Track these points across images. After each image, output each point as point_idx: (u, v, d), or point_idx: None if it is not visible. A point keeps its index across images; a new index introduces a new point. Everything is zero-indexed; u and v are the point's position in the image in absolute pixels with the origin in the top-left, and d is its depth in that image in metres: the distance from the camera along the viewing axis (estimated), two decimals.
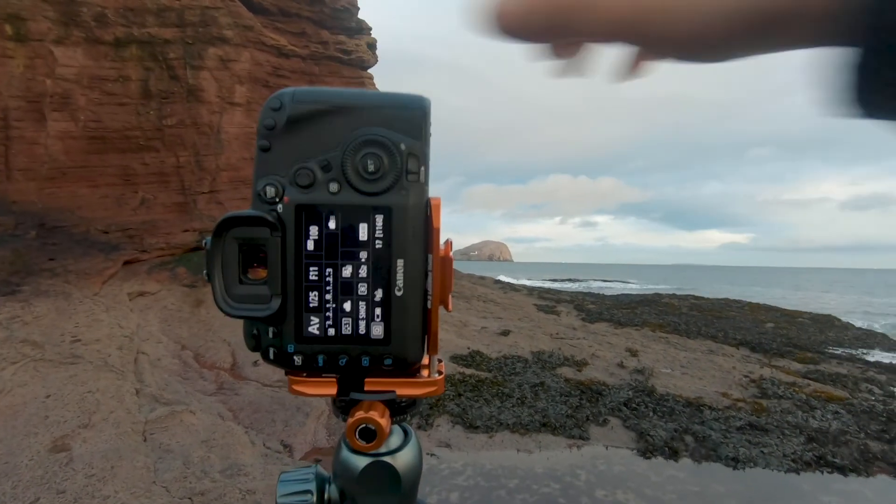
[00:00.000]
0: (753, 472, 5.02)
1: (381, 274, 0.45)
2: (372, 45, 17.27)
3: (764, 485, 4.80)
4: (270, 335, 0.46)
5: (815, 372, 8.64)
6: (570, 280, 48.54)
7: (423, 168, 0.46)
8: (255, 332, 0.46)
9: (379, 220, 0.44)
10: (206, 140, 13.54)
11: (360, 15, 17.17)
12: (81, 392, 5.42)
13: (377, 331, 0.45)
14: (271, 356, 0.46)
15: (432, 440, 5.45)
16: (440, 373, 0.50)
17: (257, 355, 0.46)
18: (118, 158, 12.98)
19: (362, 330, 0.45)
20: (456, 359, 8.19)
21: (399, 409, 0.50)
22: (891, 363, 10.03)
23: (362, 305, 0.45)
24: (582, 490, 4.59)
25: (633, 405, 6.50)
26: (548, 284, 37.42)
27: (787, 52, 0.30)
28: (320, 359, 0.46)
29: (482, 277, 23.88)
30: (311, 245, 0.44)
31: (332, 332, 0.45)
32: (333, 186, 0.44)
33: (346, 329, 0.45)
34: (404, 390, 0.49)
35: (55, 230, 11.49)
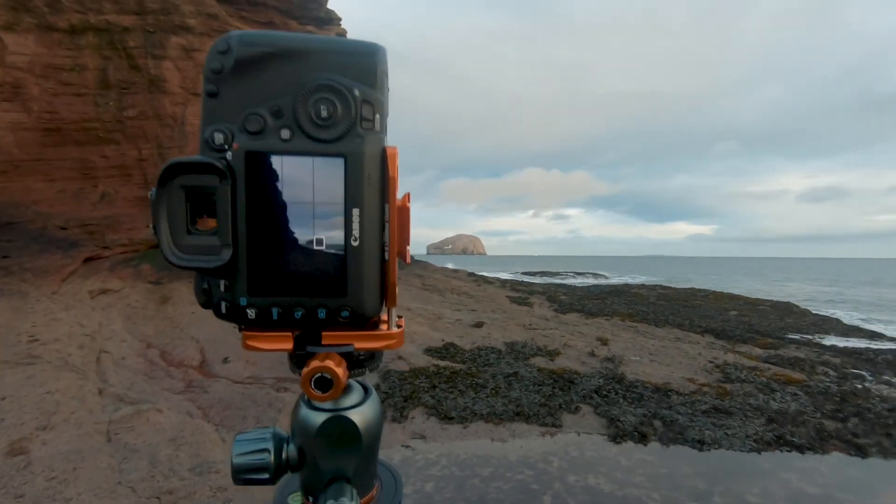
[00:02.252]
0: (718, 452, 5.20)
1: (336, 223, 0.43)
2: (341, 36, 17.02)
3: (728, 465, 4.98)
4: (222, 289, 0.44)
5: (776, 356, 8.99)
6: (541, 273, 49.17)
7: (378, 116, 0.44)
8: (205, 286, 0.45)
9: (333, 167, 0.43)
10: (169, 132, 13.11)
11: (329, 5, 16.88)
12: (40, 393, 5.20)
13: (333, 282, 0.44)
14: (223, 310, 0.45)
15: (407, 432, 5.45)
16: (399, 326, 0.49)
17: (228, 351, 0.44)
18: (76, 151, 12.44)
19: (318, 282, 0.44)
20: (430, 351, 8.20)
21: (357, 362, 0.49)
22: (844, 347, 10.53)
23: (317, 256, 0.43)
24: (554, 476, 4.67)
25: (604, 392, 6.64)
26: (521, 277, 37.80)
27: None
28: (275, 312, 0.44)
29: (455, 270, 23.95)
30: (262, 193, 0.43)
31: (286, 284, 0.44)
32: (285, 133, 0.43)
33: (301, 281, 0.44)
34: (362, 343, 0.48)
35: (9, 227, 10.95)
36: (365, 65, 0.44)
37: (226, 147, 0.42)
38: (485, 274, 26.37)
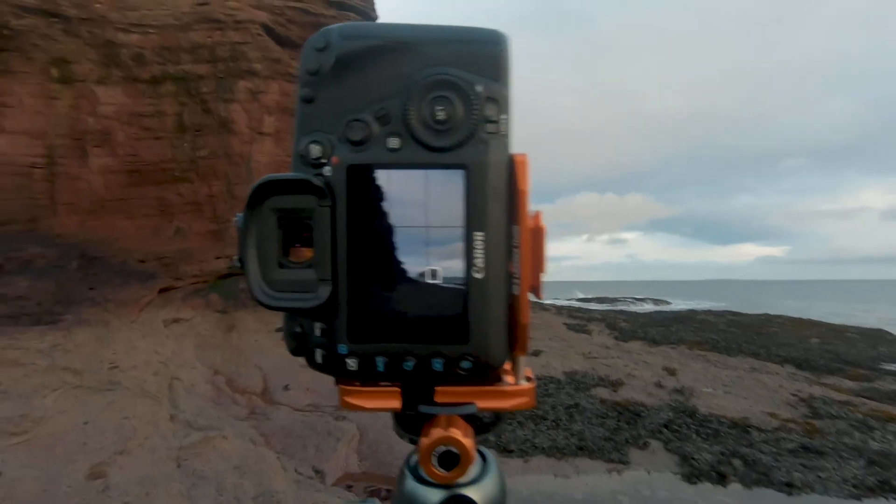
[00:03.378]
0: (810, 498, 4.69)
1: (455, 251, 0.36)
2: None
3: None
4: (318, 333, 0.37)
5: (870, 389, 8.13)
6: (598, 299, 47.61)
7: (504, 117, 0.37)
8: (297, 328, 0.38)
9: (451, 181, 0.36)
10: (237, 169, 13.96)
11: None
12: (118, 419, 5.50)
13: (452, 325, 0.36)
14: (318, 360, 0.38)
15: None
16: (528, 379, 0.40)
17: (289, 379, 0.39)
18: (154, 190, 13.47)
19: (433, 324, 0.37)
20: None
21: (482, 426, 0.41)
22: None
23: (432, 292, 0.36)
24: None
25: (675, 427, 6.21)
26: (577, 304, 36.77)
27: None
28: (380, 362, 0.37)
29: None
30: (366, 216, 0.36)
31: (395, 327, 0.37)
32: (393, 142, 0.36)
33: (413, 324, 0.37)
34: (486, 402, 0.39)
35: (95, 261, 11.91)
36: (487, 54, 0.37)
37: (324, 161, 0.37)
38: (540, 301, 25.82)
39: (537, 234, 0.37)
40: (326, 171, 0.37)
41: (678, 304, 40.87)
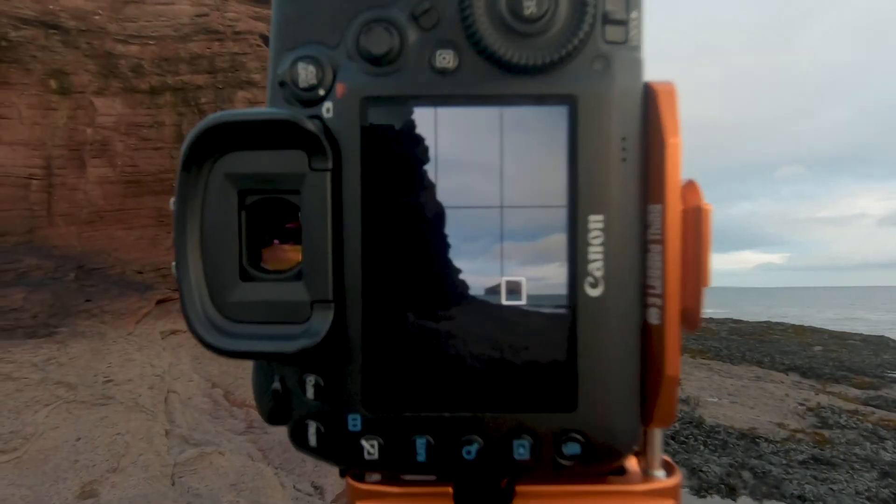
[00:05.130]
0: None
1: (554, 250, 0.21)
2: None
3: None
4: (311, 394, 0.24)
5: (878, 398, 8.01)
6: None
7: (635, 15, 0.22)
8: (276, 384, 0.26)
9: (544, 127, 0.21)
10: None
11: None
12: (111, 434, 5.37)
13: (548, 378, 0.21)
14: (313, 441, 0.25)
15: None
16: (669, 468, 0.27)
17: None
18: (153, 201, 13.43)
19: (514, 378, 0.21)
20: None
21: None
22: None
23: (514, 323, 0.21)
24: None
25: (681, 438, 6.08)
26: None
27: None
28: (421, 445, 0.22)
29: None
30: (397, 189, 0.21)
31: (445, 384, 0.21)
32: (445, 57, 0.21)
33: (478, 377, 0.21)
34: None
35: (93, 272, 11.82)
36: None
37: (321, 93, 0.22)
38: None
39: (696, 221, 0.21)
40: (326, 108, 0.22)
41: None
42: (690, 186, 0.22)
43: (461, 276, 0.21)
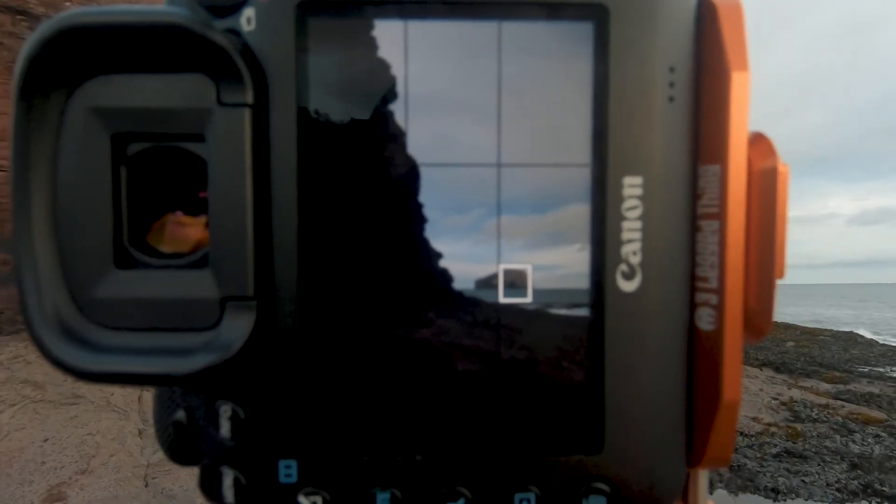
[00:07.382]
0: (795, 503, 4.67)
1: (573, 227, 0.16)
2: None
3: None
4: (226, 430, 0.17)
5: (847, 392, 8.25)
6: None
7: None
8: (180, 413, 0.18)
9: (563, 53, 0.15)
10: None
11: None
12: (81, 435, 5.20)
13: (564, 409, 0.16)
14: (229, 495, 0.19)
15: None
16: None
17: None
18: None
19: (520, 409, 0.16)
20: None
21: None
22: None
23: (516, 330, 0.16)
24: None
25: None
26: None
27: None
28: (383, 501, 0.16)
29: None
30: (347, 137, 0.15)
31: (419, 417, 0.16)
32: None
33: (464, 404, 0.16)
34: None
35: None
36: None
37: None
38: None
39: (768, 188, 0.16)
40: (245, 18, 0.15)
41: None
42: (760, 140, 0.17)
43: (441, 264, 0.15)
